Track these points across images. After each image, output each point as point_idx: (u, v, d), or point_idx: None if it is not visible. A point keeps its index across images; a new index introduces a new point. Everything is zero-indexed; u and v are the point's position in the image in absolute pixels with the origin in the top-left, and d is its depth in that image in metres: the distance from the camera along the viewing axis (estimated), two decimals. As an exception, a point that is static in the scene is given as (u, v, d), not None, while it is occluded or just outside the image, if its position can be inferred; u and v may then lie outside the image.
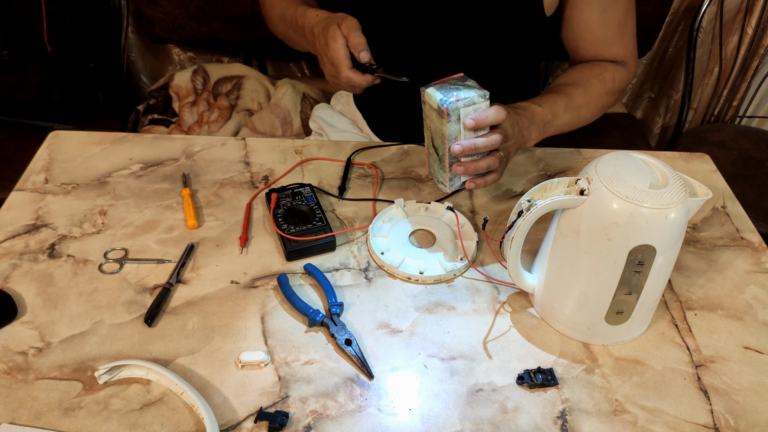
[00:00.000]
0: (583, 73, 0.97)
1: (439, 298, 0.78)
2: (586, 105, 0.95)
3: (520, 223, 0.69)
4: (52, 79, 1.55)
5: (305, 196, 0.88)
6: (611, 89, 0.97)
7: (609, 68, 0.96)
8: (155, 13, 1.64)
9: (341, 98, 1.25)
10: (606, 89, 0.96)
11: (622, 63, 0.98)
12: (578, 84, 0.94)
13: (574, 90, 0.93)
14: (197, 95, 1.66)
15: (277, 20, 0.99)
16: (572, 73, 0.98)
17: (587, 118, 0.97)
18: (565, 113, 0.92)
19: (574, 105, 0.92)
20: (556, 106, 0.90)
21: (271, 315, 0.75)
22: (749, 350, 0.73)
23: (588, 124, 0.99)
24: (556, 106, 0.90)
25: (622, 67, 0.98)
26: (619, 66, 0.97)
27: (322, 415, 0.65)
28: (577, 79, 0.96)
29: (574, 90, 0.93)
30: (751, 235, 0.89)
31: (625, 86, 1.00)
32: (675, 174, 0.65)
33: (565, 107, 0.91)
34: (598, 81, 0.95)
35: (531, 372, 0.69)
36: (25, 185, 0.92)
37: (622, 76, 0.97)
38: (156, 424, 0.63)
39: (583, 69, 0.97)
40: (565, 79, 0.96)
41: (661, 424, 0.65)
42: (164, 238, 0.84)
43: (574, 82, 0.95)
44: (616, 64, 0.97)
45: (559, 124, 0.92)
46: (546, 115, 0.89)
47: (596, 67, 0.96)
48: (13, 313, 0.73)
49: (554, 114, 0.90)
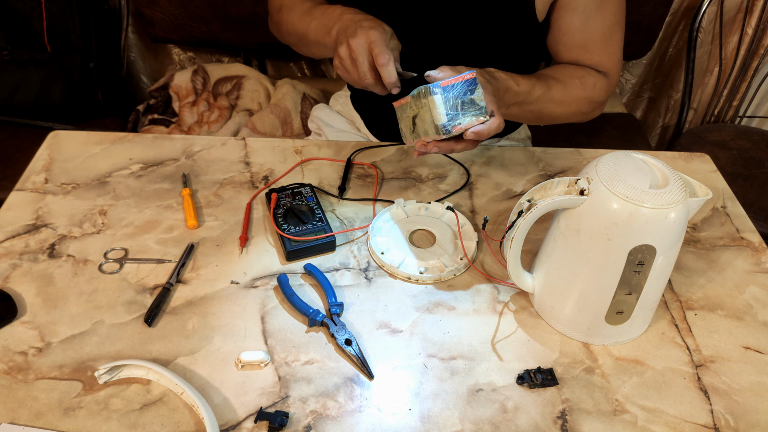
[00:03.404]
0: (565, 71, 0.95)
1: (439, 298, 0.78)
2: (560, 102, 0.92)
3: (520, 223, 0.69)
4: (52, 79, 1.55)
5: (305, 196, 0.88)
6: (590, 96, 0.95)
7: (591, 74, 0.95)
8: (155, 13, 1.64)
9: (339, 99, 1.25)
10: (585, 94, 0.94)
11: (603, 73, 0.97)
12: (559, 80, 0.92)
13: (555, 84, 0.91)
14: (197, 95, 1.66)
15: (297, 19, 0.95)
16: (556, 68, 0.96)
17: (555, 116, 0.94)
18: (536, 102, 0.89)
19: (548, 98, 0.90)
20: (532, 92, 0.87)
21: (271, 315, 0.75)
22: (749, 350, 0.73)
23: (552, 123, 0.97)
24: (533, 91, 0.87)
25: (604, 77, 0.96)
26: (600, 75, 0.96)
27: (322, 415, 0.65)
28: (558, 74, 0.94)
29: (555, 84, 0.91)
30: (751, 235, 0.89)
31: (604, 97, 0.98)
32: (675, 174, 0.65)
33: (539, 97, 0.89)
34: (579, 83, 0.94)
35: (531, 372, 0.69)
36: (25, 185, 0.92)
37: (602, 85, 0.96)
38: (156, 424, 0.63)
39: (566, 68, 0.96)
40: (548, 72, 0.95)
41: (661, 424, 0.65)
42: (164, 238, 0.84)
43: (555, 77, 0.93)
44: (598, 72, 0.96)
45: (525, 109, 0.89)
46: (518, 96, 0.86)
47: (580, 70, 0.95)
48: (13, 313, 0.73)
49: (526, 98, 0.87)
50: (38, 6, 1.51)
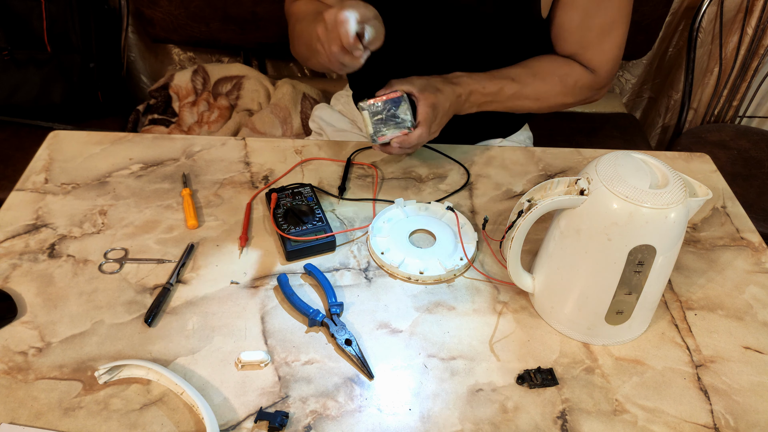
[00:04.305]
0: (548, 67, 0.97)
1: (439, 298, 0.78)
2: (535, 99, 0.97)
3: (520, 223, 0.69)
4: (52, 79, 1.55)
5: (305, 196, 0.88)
6: (570, 92, 0.98)
7: (575, 71, 0.97)
8: (155, 13, 1.64)
9: (341, 98, 1.25)
10: (564, 91, 0.97)
11: (592, 70, 0.98)
12: (537, 76, 0.96)
13: (532, 80, 0.96)
14: (197, 95, 1.66)
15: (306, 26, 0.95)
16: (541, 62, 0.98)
17: (531, 109, 1.00)
18: (509, 99, 0.95)
19: (521, 94, 0.95)
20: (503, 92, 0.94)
21: (271, 315, 0.75)
22: (749, 350, 0.73)
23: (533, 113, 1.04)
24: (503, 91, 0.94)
25: (589, 74, 0.98)
26: (586, 72, 0.97)
27: (322, 415, 0.65)
28: (540, 69, 0.97)
29: (532, 81, 0.96)
30: (751, 235, 0.89)
31: (587, 94, 1.00)
32: (675, 174, 0.65)
33: (512, 95, 0.95)
34: (558, 80, 0.97)
35: (531, 372, 0.69)
36: (25, 185, 0.92)
37: (585, 83, 0.98)
38: (156, 424, 0.63)
39: (551, 62, 0.98)
40: (531, 65, 0.97)
41: (661, 424, 0.65)
42: (164, 238, 0.84)
43: (535, 72, 0.96)
44: (585, 69, 0.97)
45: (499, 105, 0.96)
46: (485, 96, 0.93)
47: (564, 66, 0.97)
48: (13, 313, 0.73)
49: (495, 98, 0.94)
50: (38, 6, 1.51)
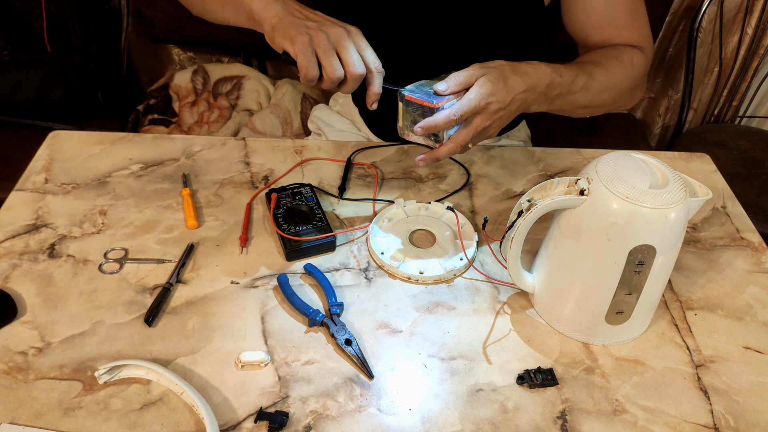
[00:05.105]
0: (601, 54, 0.89)
1: (439, 298, 0.78)
2: (605, 89, 0.86)
3: (520, 223, 0.69)
4: (52, 79, 1.55)
5: (305, 196, 0.88)
6: (631, 73, 0.89)
7: (626, 50, 0.90)
8: (155, 13, 1.64)
9: (339, 99, 1.25)
10: (626, 72, 0.88)
11: (638, 47, 0.92)
12: (598, 64, 0.86)
13: (595, 69, 0.84)
14: (197, 95, 1.66)
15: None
16: (590, 54, 0.90)
17: (601, 103, 0.89)
18: (581, 91, 0.83)
19: (592, 85, 0.84)
20: (576, 82, 0.82)
21: (271, 315, 0.75)
22: (749, 350, 0.73)
23: (604, 112, 0.92)
24: (576, 81, 0.82)
25: (639, 51, 0.91)
26: (635, 49, 0.91)
27: (322, 415, 0.65)
28: (595, 58, 0.87)
29: (596, 69, 0.85)
30: (751, 235, 0.89)
31: (643, 72, 0.92)
32: (675, 174, 0.65)
33: (584, 86, 0.83)
34: (617, 62, 0.87)
35: (531, 372, 0.69)
36: (25, 185, 0.92)
37: (639, 60, 0.90)
38: (156, 424, 0.63)
39: (600, 51, 0.91)
40: (585, 59, 0.89)
41: (661, 424, 0.65)
42: (164, 238, 0.84)
43: (593, 62, 0.86)
44: (632, 47, 0.91)
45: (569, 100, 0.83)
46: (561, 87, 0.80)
47: (613, 50, 0.90)
48: (13, 313, 0.73)
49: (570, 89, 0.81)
50: (38, 6, 1.51)
